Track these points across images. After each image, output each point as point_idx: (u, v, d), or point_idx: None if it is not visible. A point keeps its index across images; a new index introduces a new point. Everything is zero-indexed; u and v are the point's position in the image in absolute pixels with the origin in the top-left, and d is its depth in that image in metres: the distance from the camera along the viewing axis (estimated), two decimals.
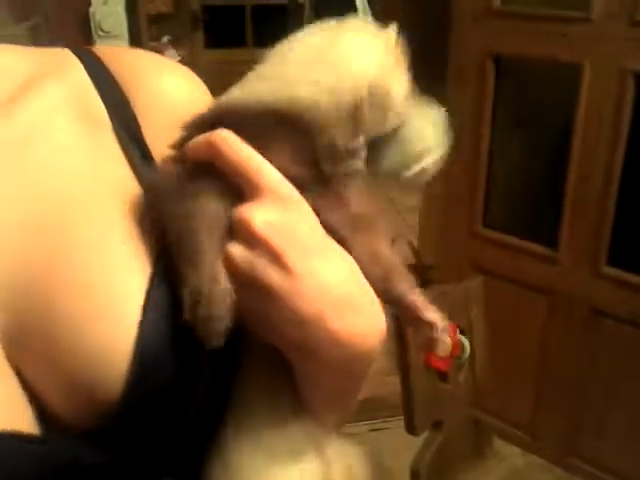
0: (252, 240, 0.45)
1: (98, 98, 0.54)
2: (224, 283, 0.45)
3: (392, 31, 0.52)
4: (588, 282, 2.01)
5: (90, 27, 2.01)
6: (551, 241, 2.07)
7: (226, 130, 0.47)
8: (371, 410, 2.50)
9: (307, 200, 0.48)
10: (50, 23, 1.98)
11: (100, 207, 0.50)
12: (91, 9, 2.02)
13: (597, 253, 1.97)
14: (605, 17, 1.81)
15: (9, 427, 0.44)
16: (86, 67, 0.56)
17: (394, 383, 2.48)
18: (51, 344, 0.46)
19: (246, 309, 0.47)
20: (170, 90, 0.57)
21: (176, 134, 0.50)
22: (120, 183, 0.52)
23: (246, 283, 0.46)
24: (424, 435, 1.69)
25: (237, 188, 0.47)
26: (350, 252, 0.49)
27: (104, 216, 0.50)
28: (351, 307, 0.47)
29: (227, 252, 0.46)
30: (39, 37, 1.91)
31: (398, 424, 2.08)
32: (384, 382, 2.61)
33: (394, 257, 0.51)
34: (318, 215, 0.48)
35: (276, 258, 0.45)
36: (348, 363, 0.49)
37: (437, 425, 1.70)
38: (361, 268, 0.49)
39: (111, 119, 0.54)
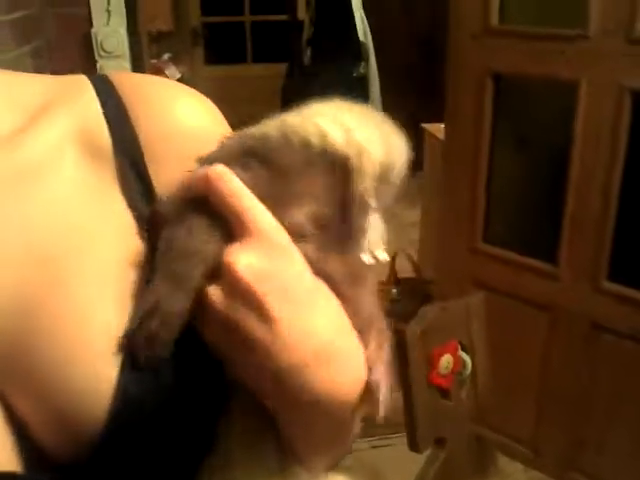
0: (234, 284, 0.44)
1: (106, 130, 0.54)
2: (185, 313, 0.45)
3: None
4: (588, 297, 2.02)
5: (92, 48, 2.03)
6: (551, 257, 2.07)
7: (222, 166, 0.46)
8: (372, 427, 2.49)
9: (305, 247, 0.46)
10: (52, 45, 2.00)
11: (99, 240, 0.51)
12: (93, 30, 2.04)
13: (597, 268, 1.98)
14: (602, 34, 1.82)
15: None
16: (99, 96, 0.55)
17: (395, 400, 2.47)
18: (38, 371, 0.47)
19: (224, 352, 0.46)
20: (183, 118, 0.56)
21: (189, 164, 0.49)
22: (118, 218, 0.52)
23: (224, 327, 0.44)
24: (426, 452, 1.69)
25: (229, 227, 0.46)
26: (343, 301, 0.47)
27: (101, 249, 0.50)
28: (332, 357, 0.46)
29: (207, 294, 0.45)
30: (41, 59, 1.93)
31: (400, 441, 2.08)
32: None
33: (377, 311, 0.50)
34: (314, 263, 0.47)
35: (257, 306, 0.43)
36: (329, 412, 0.48)
37: (440, 442, 1.70)
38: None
39: (115, 151, 0.53)
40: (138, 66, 2.13)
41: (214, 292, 0.44)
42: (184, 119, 0.56)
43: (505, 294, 2.17)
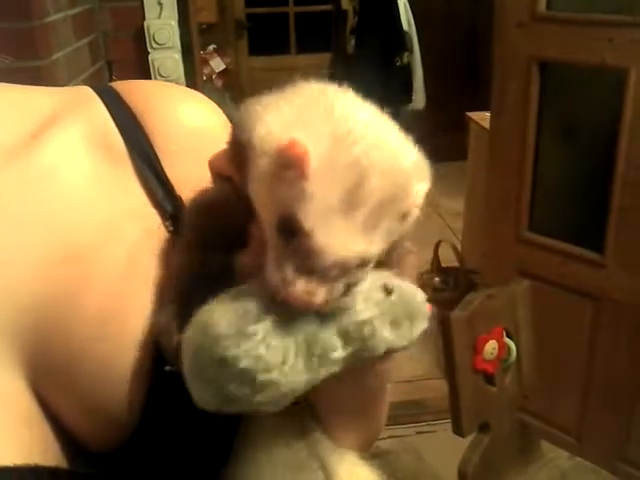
0: None
1: (117, 132, 0.55)
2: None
3: None
4: (635, 286, 2.01)
5: (145, 40, 2.09)
6: (597, 245, 2.07)
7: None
8: (417, 414, 2.53)
9: None
10: (108, 37, 2.07)
11: (124, 235, 0.51)
12: (145, 23, 2.10)
13: None
14: None
15: (33, 461, 0.46)
16: (105, 103, 0.56)
17: (437, 387, 2.50)
18: (71, 367, 0.48)
19: None
20: (187, 120, 0.58)
21: (198, 162, 0.50)
22: (140, 215, 0.53)
23: None
24: (469, 438, 1.71)
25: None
26: None
27: (124, 247, 0.51)
28: None
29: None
30: (97, 51, 2.00)
31: (443, 427, 2.10)
32: (427, 386, 2.64)
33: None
34: None
35: None
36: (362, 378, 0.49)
37: (484, 427, 1.72)
38: None
39: (130, 153, 0.54)
40: (188, 57, 2.19)
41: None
42: (188, 120, 0.58)
43: (551, 283, 2.17)
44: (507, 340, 1.72)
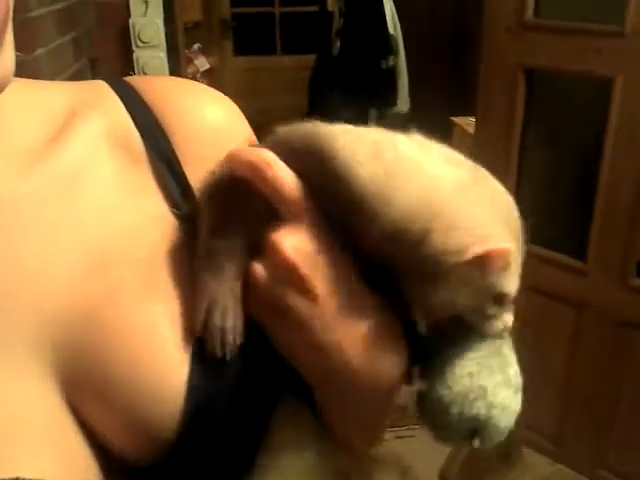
0: (279, 263, 0.46)
1: (135, 131, 0.54)
2: (238, 298, 0.47)
3: None
4: (616, 294, 2.01)
5: (129, 38, 2.06)
6: (580, 253, 2.07)
7: (271, 154, 0.48)
8: (397, 418, 2.51)
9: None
10: (92, 35, 2.04)
11: (141, 242, 0.51)
12: (130, 20, 2.07)
13: (626, 265, 1.98)
14: (639, 31, 1.81)
15: (69, 477, 0.45)
16: (122, 99, 0.55)
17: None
18: (107, 381, 0.47)
19: (271, 330, 0.48)
20: (208, 118, 0.57)
21: (216, 163, 0.50)
22: (160, 218, 0.52)
23: (269, 302, 0.47)
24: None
25: (267, 213, 0.48)
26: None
27: (145, 251, 0.50)
28: (372, 342, 0.47)
29: (252, 272, 0.47)
30: (81, 48, 1.96)
31: (424, 432, 2.09)
32: (408, 390, 2.64)
33: None
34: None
35: (299, 282, 0.46)
36: (369, 394, 0.49)
37: None
38: None
39: (149, 153, 0.53)
40: (173, 56, 2.16)
41: (259, 270, 0.47)
42: (211, 120, 0.57)
43: (532, 289, 2.16)
44: None
